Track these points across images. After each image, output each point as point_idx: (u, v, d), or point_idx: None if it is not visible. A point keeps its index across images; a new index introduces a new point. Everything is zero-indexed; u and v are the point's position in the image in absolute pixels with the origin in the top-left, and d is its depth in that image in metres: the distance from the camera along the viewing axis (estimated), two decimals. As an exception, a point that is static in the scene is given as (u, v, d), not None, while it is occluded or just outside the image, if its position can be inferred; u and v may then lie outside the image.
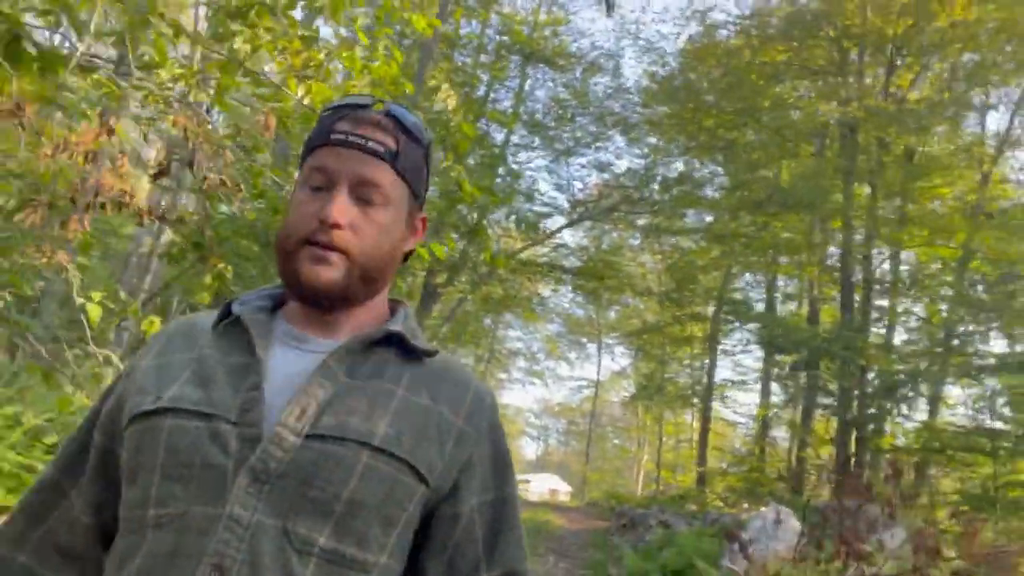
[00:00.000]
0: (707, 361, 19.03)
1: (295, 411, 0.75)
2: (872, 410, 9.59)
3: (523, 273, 15.60)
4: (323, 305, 0.83)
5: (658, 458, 24.64)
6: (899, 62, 10.81)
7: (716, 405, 19.17)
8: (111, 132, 3.25)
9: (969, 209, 12.70)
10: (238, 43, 3.49)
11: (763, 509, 6.75)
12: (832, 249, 13.07)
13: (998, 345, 11.87)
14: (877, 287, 11.42)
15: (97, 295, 3.46)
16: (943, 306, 10.09)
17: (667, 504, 12.91)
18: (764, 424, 16.93)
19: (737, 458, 17.35)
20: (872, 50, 10.79)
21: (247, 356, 0.80)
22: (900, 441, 10.49)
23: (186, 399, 0.76)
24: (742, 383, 18.00)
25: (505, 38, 13.17)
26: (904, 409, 10.04)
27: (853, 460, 10.22)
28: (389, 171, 0.84)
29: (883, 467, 11.36)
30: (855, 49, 10.97)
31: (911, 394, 9.70)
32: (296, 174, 0.89)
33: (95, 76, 3.49)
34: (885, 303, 12.06)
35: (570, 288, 18.85)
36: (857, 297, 11.33)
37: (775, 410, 15.91)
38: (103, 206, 3.22)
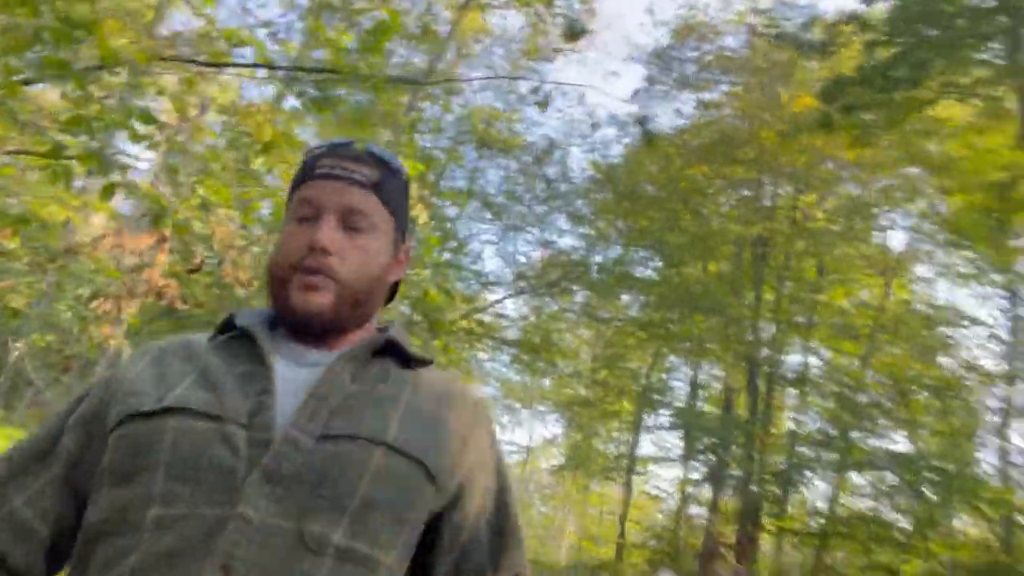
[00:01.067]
0: (631, 437, 20.33)
1: (306, 414, 0.77)
2: (762, 492, 10.96)
3: (464, 340, 16.67)
4: (314, 331, 0.86)
5: (582, 528, 25.50)
6: (803, 188, 12.70)
7: (639, 479, 20.41)
8: (163, 240, 4.39)
9: (872, 314, 14.56)
10: (256, 164, 4.67)
11: (658, 573, 7.90)
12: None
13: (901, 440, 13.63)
14: (784, 380, 12.98)
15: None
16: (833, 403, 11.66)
17: (586, 574, 13.83)
18: (684, 499, 18.18)
19: (655, 532, 18.46)
20: (780, 177, 12.66)
21: (254, 365, 0.82)
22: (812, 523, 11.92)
23: (193, 400, 0.77)
24: (664, 459, 19.30)
25: (463, 129, 14.60)
26: (796, 493, 11.43)
27: (749, 538, 11.49)
28: (374, 199, 0.88)
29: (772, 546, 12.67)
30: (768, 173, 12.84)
31: (799, 479, 11.13)
32: (284, 213, 0.94)
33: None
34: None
35: (507, 358, 20.06)
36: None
37: (692, 487, 17.20)
38: (149, 294, 4.31)
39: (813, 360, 15.79)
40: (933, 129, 9.45)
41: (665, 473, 24.04)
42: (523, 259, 20.60)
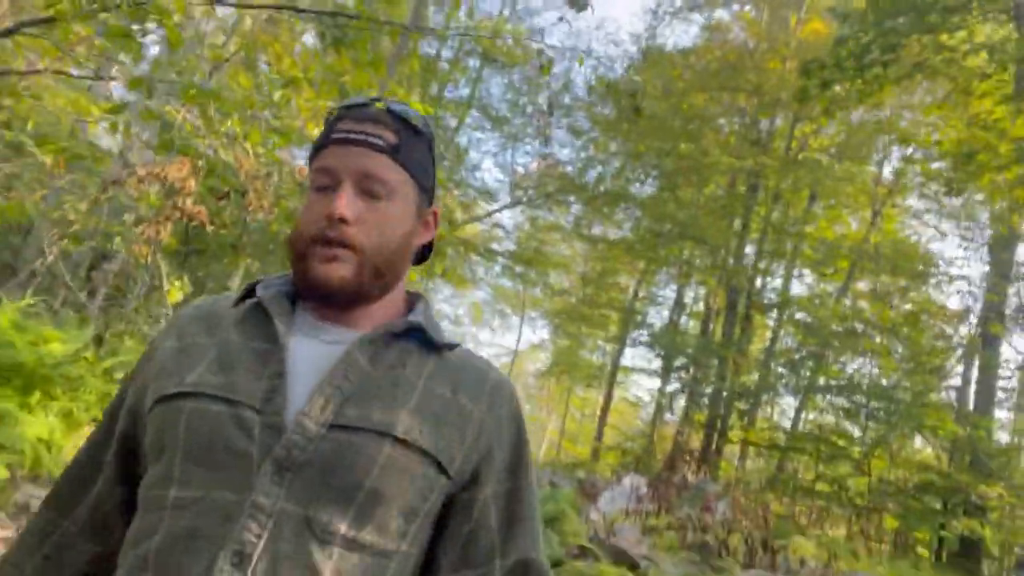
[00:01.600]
0: (616, 348, 21.38)
1: (319, 401, 0.77)
2: (730, 407, 11.96)
3: (464, 250, 17.23)
4: (337, 303, 0.85)
5: (562, 428, 27.13)
6: (801, 118, 12.95)
7: (620, 387, 21.65)
8: (195, 171, 4.90)
9: (855, 243, 15.16)
10: (277, 96, 5.08)
11: (623, 478, 8.85)
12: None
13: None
14: (761, 304, 13.73)
15: (176, 283, 5.06)
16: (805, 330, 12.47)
17: (561, 469, 15.09)
18: (658, 408, 19.41)
19: (629, 437, 19.81)
20: (778, 107, 12.86)
21: (269, 342, 0.82)
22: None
23: (208, 383, 0.79)
24: (644, 370, 20.44)
25: (468, 39, 14.55)
26: (764, 408, 12.45)
27: (714, 447, 12.59)
28: (392, 164, 0.86)
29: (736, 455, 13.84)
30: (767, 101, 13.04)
31: (765, 396, 12.13)
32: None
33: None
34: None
35: (499, 269, 20.74)
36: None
37: (666, 399, 18.36)
38: (183, 217, 4.86)
39: (796, 286, 16.59)
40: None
41: (646, 383, 25.19)
42: (521, 169, 20.96)
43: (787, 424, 14.49)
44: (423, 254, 0.97)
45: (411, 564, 0.81)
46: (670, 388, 19.59)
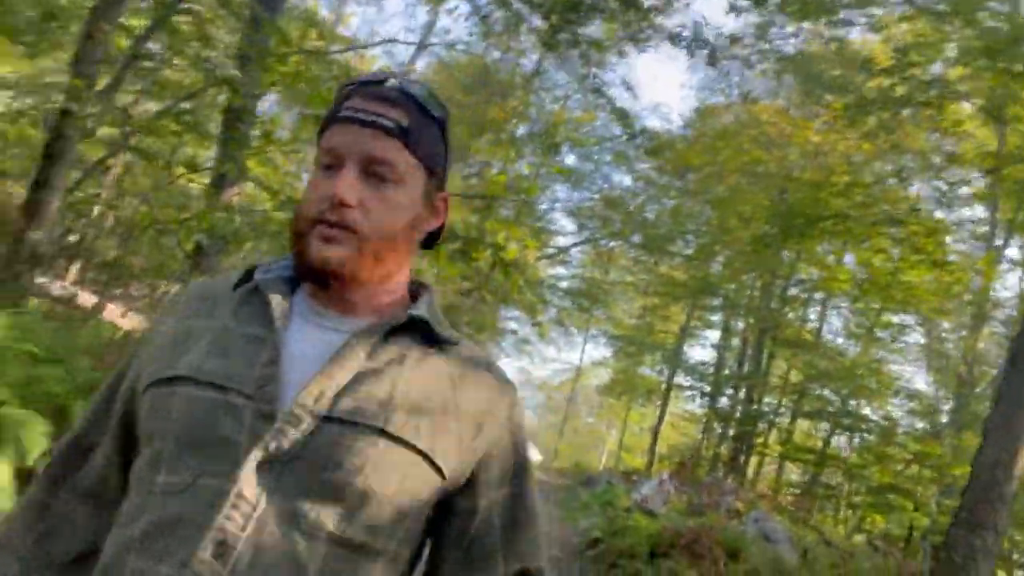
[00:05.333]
0: (671, 368, 25.16)
1: (314, 391, 0.80)
2: (749, 427, 15.88)
3: (534, 289, 21.43)
4: (334, 286, 0.87)
5: (620, 441, 31.03)
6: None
7: (676, 401, 25.34)
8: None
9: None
10: None
11: (661, 476, 12.87)
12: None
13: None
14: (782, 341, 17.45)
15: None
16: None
17: (618, 474, 19.05)
18: (707, 424, 23.14)
19: (680, 449, 23.59)
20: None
21: (265, 328, 0.85)
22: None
23: (202, 369, 0.82)
24: (693, 389, 24.15)
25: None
26: (787, 427, 16.31)
27: (742, 457, 16.44)
28: (400, 148, 0.87)
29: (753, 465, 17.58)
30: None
31: (777, 419, 15.99)
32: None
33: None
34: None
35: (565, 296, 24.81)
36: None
37: (705, 418, 22.10)
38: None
39: (834, 318, 20.06)
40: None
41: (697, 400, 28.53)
42: (587, 213, 24.88)
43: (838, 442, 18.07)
44: (431, 239, 0.98)
45: (401, 563, 0.84)
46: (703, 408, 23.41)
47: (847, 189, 8.49)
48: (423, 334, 0.90)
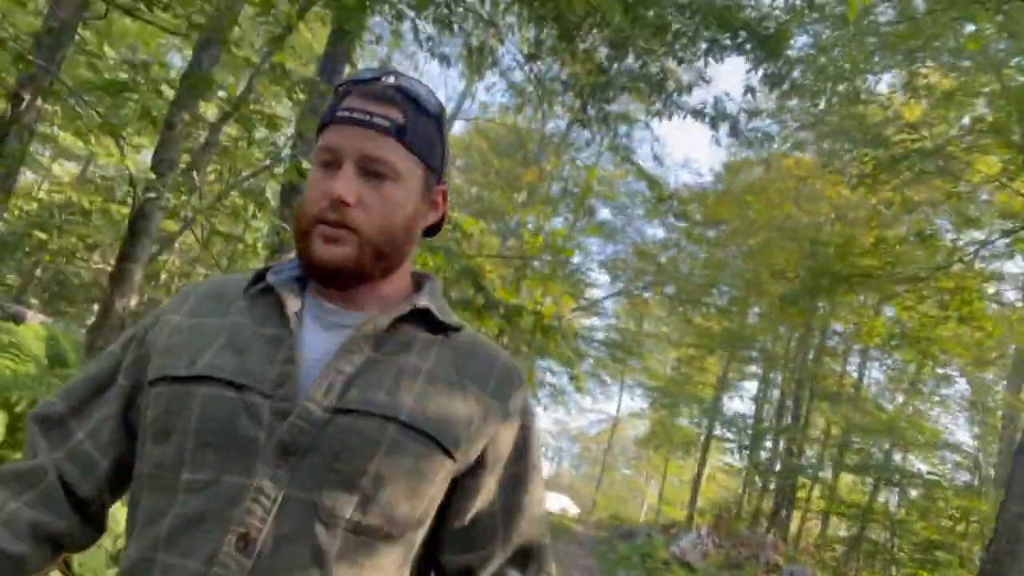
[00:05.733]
0: (710, 419, 25.10)
1: (323, 386, 0.83)
2: (790, 481, 15.82)
3: (570, 343, 21.79)
4: (338, 283, 0.91)
5: (660, 493, 30.74)
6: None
7: (716, 452, 25.19)
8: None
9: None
10: None
11: (701, 529, 13.00)
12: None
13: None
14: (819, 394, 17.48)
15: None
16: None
17: (658, 528, 19.03)
18: (746, 478, 22.95)
19: (720, 503, 23.39)
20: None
21: (281, 328, 0.88)
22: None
23: (220, 368, 0.84)
24: (731, 441, 24.04)
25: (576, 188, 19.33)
26: (819, 482, 16.23)
27: (783, 511, 16.36)
28: (397, 145, 0.89)
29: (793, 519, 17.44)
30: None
31: (815, 474, 15.95)
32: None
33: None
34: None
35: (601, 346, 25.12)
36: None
37: (754, 468, 21.97)
38: None
39: (874, 370, 20.01)
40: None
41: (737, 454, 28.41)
42: (621, 265, 25.36)
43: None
44: (433, 229, 1.02)
45: (416, 546, 0.88)
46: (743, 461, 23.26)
47: (872, 249, 8.80)
48: (428, 323, 0.93)
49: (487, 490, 0.91)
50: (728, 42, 5.51)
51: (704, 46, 5.72)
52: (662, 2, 5.86)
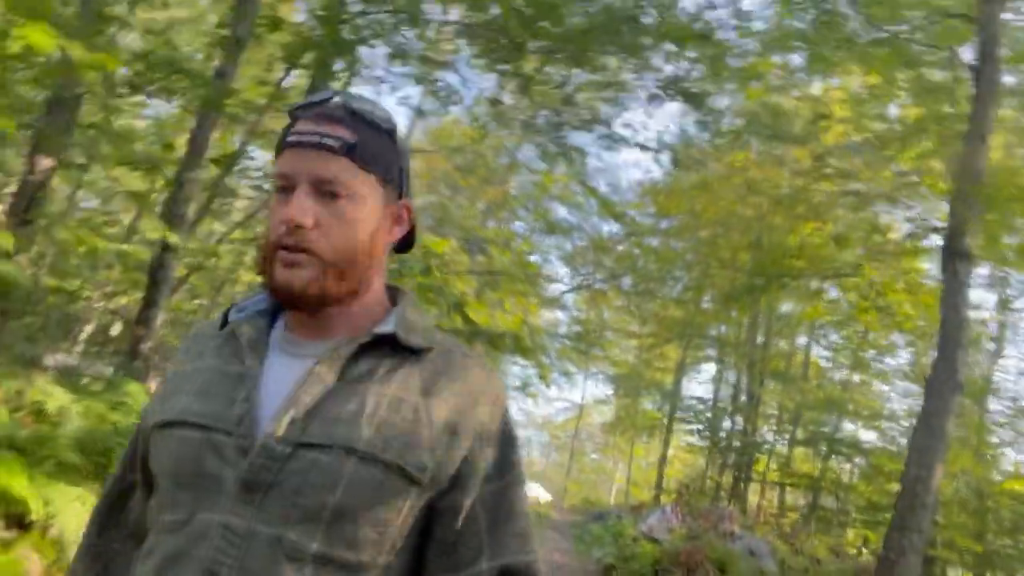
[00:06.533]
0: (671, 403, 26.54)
1: (284, 420, 0.85)
2: (747, 457, 17.31)
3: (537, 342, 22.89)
4: (302, 308, 0.92)
5: (628, 475, 32.20)
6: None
7: (676, 437, 26.66)
8: None
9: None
10: None
11: (665, 507, 14.23)
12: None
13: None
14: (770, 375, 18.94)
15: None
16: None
17: (626, 509, 20.30)
18: (708, 456, 24.47)
19: (685, 481, 24.88)
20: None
21: (242, 365, 0.92)
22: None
23: (189, 411, 0.89)
24: (692, 422, 25.47)
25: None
26: (775, 456, 17.71)
27: (742, 485, 17.78)
28: (349, 164, 0.90)
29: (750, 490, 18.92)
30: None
31: (770, 449, 17.43)
32: None
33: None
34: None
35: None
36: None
37: (715, 446, 23.45)
38: None
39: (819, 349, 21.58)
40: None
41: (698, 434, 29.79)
42: (580, 259, 26.51)
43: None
44: (403, 245, 1.04)
45: (398, 570, 0.88)
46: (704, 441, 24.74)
47: (798, 251, 10.05)
48: (395, 346, 0.93)
49: (470, 510, 0.91)
50: (663, 94, 6.60)
51: (644, 96, 6.81)
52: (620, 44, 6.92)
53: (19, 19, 3.98)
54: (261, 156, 8.16)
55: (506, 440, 0.96)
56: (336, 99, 0.95)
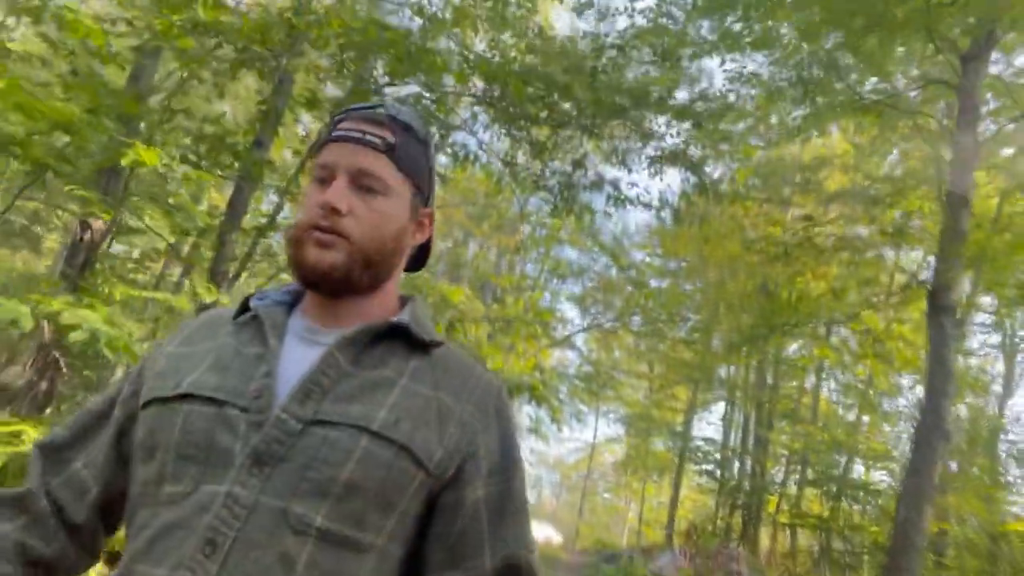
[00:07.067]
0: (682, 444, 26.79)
1: (299, 398, 0.88)
2: (756, 498, 17.62)
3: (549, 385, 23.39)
4: (327, 289, 0.97)
5: (640, 515, 32.28)
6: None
7: (688, 477, 26.87)
8: None
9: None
10: None
11: (675, 548, 14.57)
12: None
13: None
14: (778, 417, 19.31)
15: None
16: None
17: (639, 550, 20.53)
18: (719, 498, 24.67)
19: (696, 522, 25.03)
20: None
21: (261, 347, 0.95)
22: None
23: (203, 386, 0.90)
24: (704, 463, 25.70)
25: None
26: (783, 498, 18.01)
27: (751, 526, 18.05)
28: (387, 162, 0.98)
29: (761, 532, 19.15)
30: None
31: (779, 490, 17.72)
32: None
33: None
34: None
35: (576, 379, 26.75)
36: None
37: (723, 487, 23.67)
38: None
39: (830, 385, 21.93)
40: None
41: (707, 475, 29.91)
42: (590, 300, 27.07)
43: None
44: (420, 258, 1.11)
45: (392, 561, 0.89)
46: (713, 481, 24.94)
47: (796, 303, 10.62)
48: (407, 338, 0.98)
49: (471, 506, 0.93)
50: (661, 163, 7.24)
51: (647, 161, 7.43)
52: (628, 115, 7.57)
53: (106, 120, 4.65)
54: (290, 213, 8.86)
55: (507, 440, 0.99)
56: (381, 108, 1.03)
